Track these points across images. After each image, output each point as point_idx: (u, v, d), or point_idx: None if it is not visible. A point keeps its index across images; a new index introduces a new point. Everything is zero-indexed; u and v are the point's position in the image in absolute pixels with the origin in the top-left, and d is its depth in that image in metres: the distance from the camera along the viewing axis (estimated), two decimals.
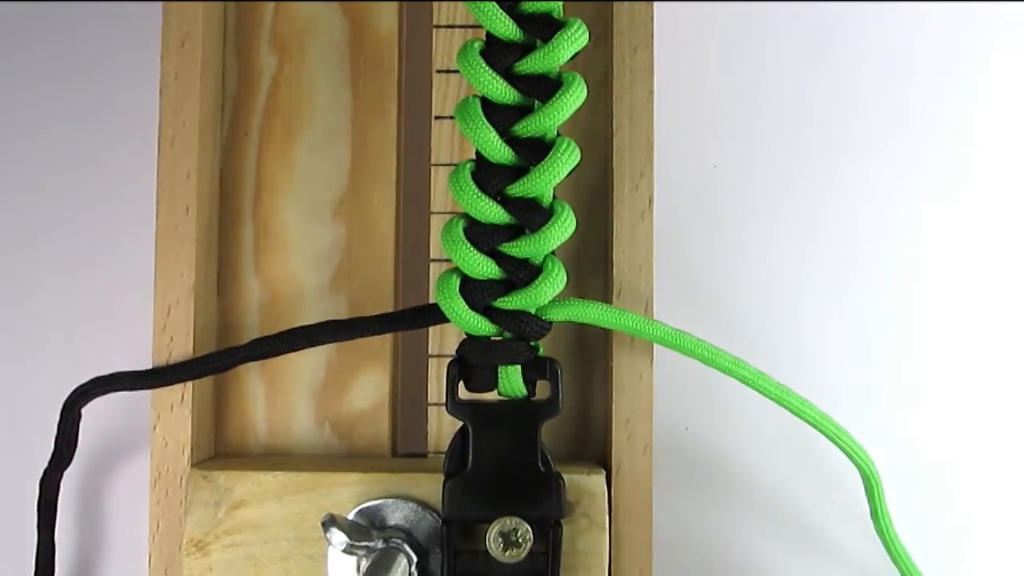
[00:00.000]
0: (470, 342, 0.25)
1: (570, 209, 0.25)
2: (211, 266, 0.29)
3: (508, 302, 0.25)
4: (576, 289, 0.29)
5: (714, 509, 0.33)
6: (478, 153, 0.25)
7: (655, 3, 0.28)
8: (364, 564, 0.26)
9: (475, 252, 0.25)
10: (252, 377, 0.29)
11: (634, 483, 0.27)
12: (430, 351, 0.29)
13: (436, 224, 0.29)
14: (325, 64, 0.30)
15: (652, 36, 0.28)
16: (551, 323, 0.26)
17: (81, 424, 0.28)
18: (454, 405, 0.25)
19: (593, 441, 0.29)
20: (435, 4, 0.29)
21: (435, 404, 0.29)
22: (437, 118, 0.29)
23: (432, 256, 0.29)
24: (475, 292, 0.25)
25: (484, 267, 0.25)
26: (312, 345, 0.27)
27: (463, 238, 0.25)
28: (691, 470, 0.33)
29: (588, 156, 0.29)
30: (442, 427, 0.29)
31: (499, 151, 0.24)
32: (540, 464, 0.25)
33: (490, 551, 0.25)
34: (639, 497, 0.27)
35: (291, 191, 0.29)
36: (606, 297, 0.28)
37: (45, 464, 0.28)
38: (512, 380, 0.25)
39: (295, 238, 0.29)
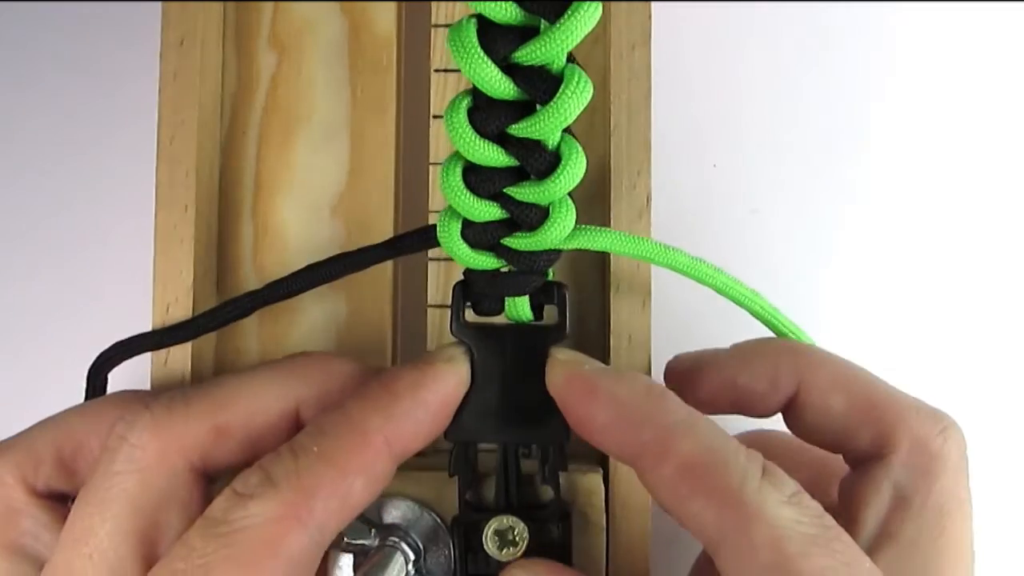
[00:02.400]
0: (475, 274, 0.24)
1: (580, 151, 0.23)
2: (210, 264, 0.29)
3: (515, 243, 0.24)
4: (574, 286, 0.29)
5: None
6: (475, 88, 0.22)
7: (653, 2, 0.28)
8: (361, 562, 0.26)
9: (476, 199, 0.23)
10: None
11: (632, 481, 0.27)
12: (428, 347, 0.29)
13: (434, 222, 0.29)
14: (324, 63, 0.30)
15: (650, 34, 0.28)
16: (560, 252, 0.24)
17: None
18: (459, 327, 0.25)
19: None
20: (433, 4, 0.29)
21: None
22: (435, 117, 0.29)
23: (431, 255, 0.29)
24: (478, 235, 0.24)
25: (487, 211, 0.23)
26: (324, 281, 0.27)
27: (461, 184, 0.23)
28: None
29: (585, 155, 0.29)
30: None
31: (498, 84, 0.21)
32: (545, 388, 0.24)
33: (487, 550, 0.25)
34: (637, 496, 0.27)
35: (290, 189, 0.30)
36: (604, 296, 0.28)
37: None
38: (519, 306, 0.25)
39: (294, 236, 0.29)
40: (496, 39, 0.21)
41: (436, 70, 0.29)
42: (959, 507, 0.24)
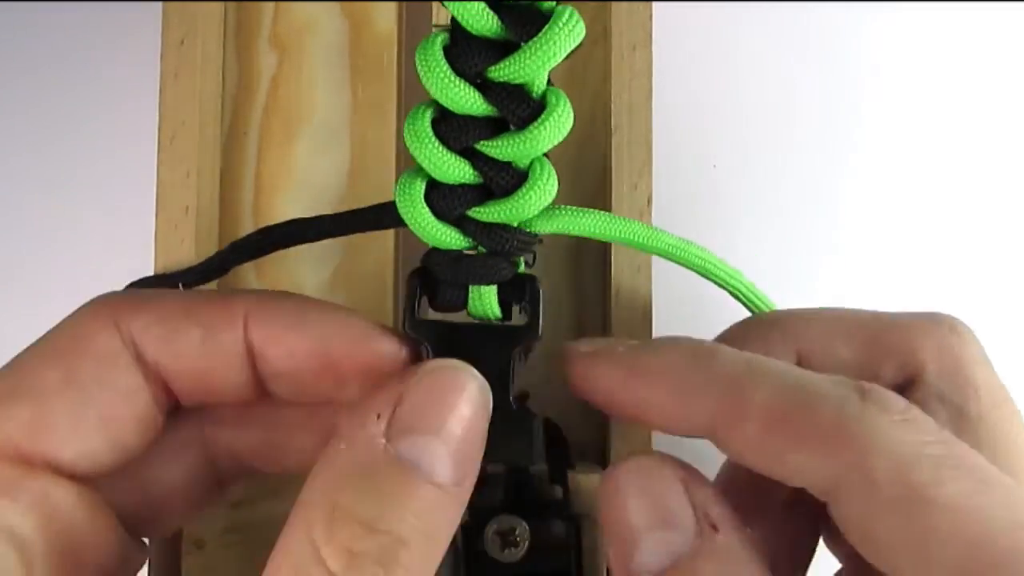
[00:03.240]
0: (437, 255, 0.21)
1: (567, 100, 0.20)
2: None
3: (485, 213, 0.21)
4: (573, 289, 0.29)
5: None
6: (453, 21, 0.20)
7: (654, 3, 0.28)
8: None
9: (444, 151, 0.20)
10: None
11: None
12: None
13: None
14: (324, 63, 0.30)
15: (651, 35, 0.28)
16: (537, 236, 0.22)
17: None
18: (412, 323, 0.22)
19: (591, 440, 0.29)
20: (434, 4, 0.29)
21: None
22: None
23: None
24: (444, 200, 0.21)
25: (456, 169, 0.20)
26: (278, 247, 0.25)
27: (430, 133, 0.20)
28: None
29: (586, 155, 0.29)
30: None
31: (479, 18, 0.19)
32: (511, 400, 0.21)
33: (488, 551, 0.25)
34: None
35: (290, 190, 0.30)
36: (604, 298, 0.28)
37: None
38: (485, 301, 0.22)
39: None
40: None
41: None
42: (1006, 396, 0.22)
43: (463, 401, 0.19)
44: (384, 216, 0.22)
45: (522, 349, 0.22)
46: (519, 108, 0.20)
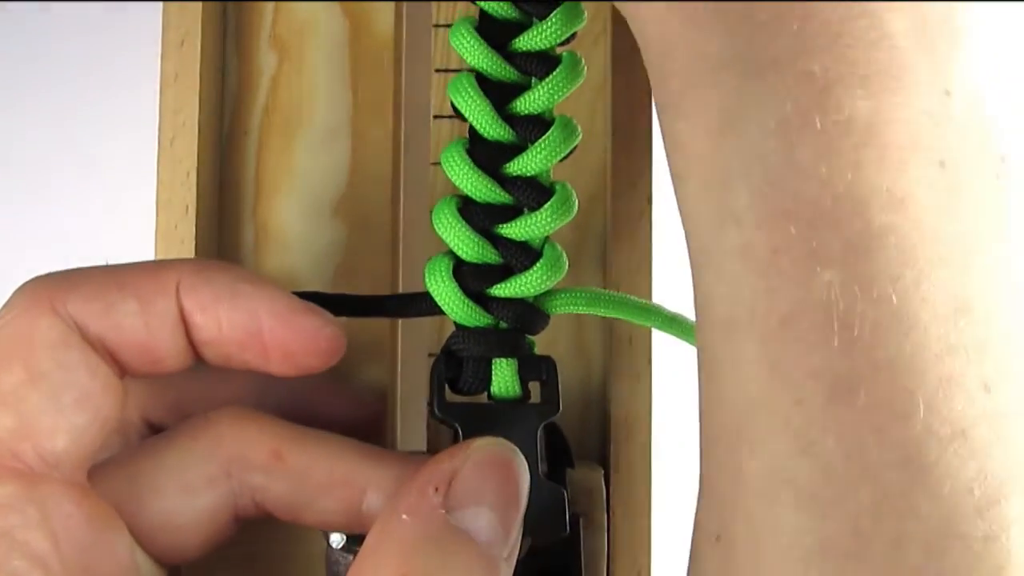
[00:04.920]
0: (461, 333, 0.24)
1: (572, 190, 0.24)
2: None
3: (505, 289, 0.23)
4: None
5: None
6: (472, 130, 0.24)
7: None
8: None
9: (470, 232, 0.23)
10: None
11: (633, 482, 0.27)
12: (430, 351, 0.29)
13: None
14: (324, 64, 0.30)
15: None
16: (550, 315, 0.24)
17: None
18: (441, 407, 0.23)
19: (591, 440, 0.29)
20: (434, 4, 0.29)
21: None
22: (436, 117, 0.29)
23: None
24: (469, 277, 0.23)
25: (480, 249, 0.23)
26: None
27: (457, 216, 0.23)
28: (690, 469, 0.33)
29: (586, 155, 0.29)
30: (442, 427, 0.29)
31: (495, 127, 0.23)
32: (539, 472, 0.23)
33: None
34: (638, 496, 0.27)
35: (291, 190, 0.30)
36: None
37: None
38: (506, 377, 0.24)
39: (295, 237, 0.29)
40: (493, 90, 0.23)
41: (436, 70, 0.29)
42: None
43: (509, 475, 0.21)
44: (413, 303, 0.24)
45: (544, 424, 0.24)
46: (532, 195, 0.23)
